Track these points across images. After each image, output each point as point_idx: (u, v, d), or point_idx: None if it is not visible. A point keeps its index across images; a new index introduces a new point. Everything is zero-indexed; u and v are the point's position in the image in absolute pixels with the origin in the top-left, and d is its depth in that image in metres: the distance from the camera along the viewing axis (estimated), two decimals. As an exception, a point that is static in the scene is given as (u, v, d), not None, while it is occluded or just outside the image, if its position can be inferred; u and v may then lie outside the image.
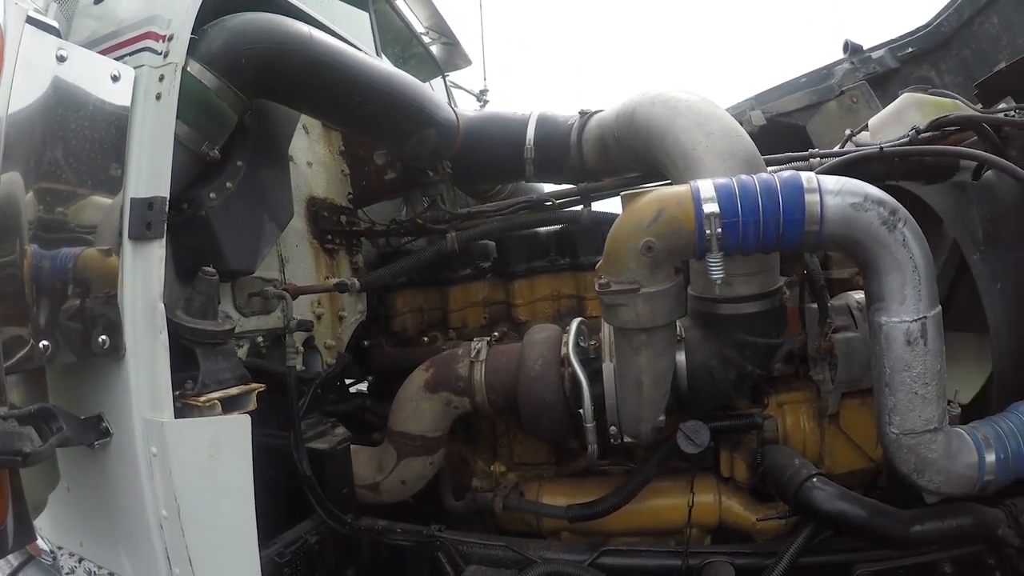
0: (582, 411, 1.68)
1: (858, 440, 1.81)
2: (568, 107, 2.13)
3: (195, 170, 1.52)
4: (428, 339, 2.43)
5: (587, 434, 1.69)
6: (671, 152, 1.60)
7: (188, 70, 1.41)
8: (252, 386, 1.43)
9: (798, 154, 1.87)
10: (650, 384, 1.55)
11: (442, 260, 2.29)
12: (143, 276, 1.29)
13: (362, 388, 2.74)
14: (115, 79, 1.30)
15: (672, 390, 1.64)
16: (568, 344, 1.75)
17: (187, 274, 1.52)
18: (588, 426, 1.68)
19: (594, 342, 1.79)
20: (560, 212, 2.09)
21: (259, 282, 1.78)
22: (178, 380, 1.33)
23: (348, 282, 1.95)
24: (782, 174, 1.33)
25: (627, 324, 1.44)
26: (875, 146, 1.78)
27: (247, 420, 1.37)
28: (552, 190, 2.19)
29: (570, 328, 1.80)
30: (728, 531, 1.91)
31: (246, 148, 1.66)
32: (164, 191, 1.31)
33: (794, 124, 3.04)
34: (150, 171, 1.31)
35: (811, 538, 1.59)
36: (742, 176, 1.33)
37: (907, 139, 1.78)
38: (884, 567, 1.59)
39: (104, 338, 1.25)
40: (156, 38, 1.39)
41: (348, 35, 2.10)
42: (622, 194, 1.44)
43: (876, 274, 1.34)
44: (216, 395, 1.35)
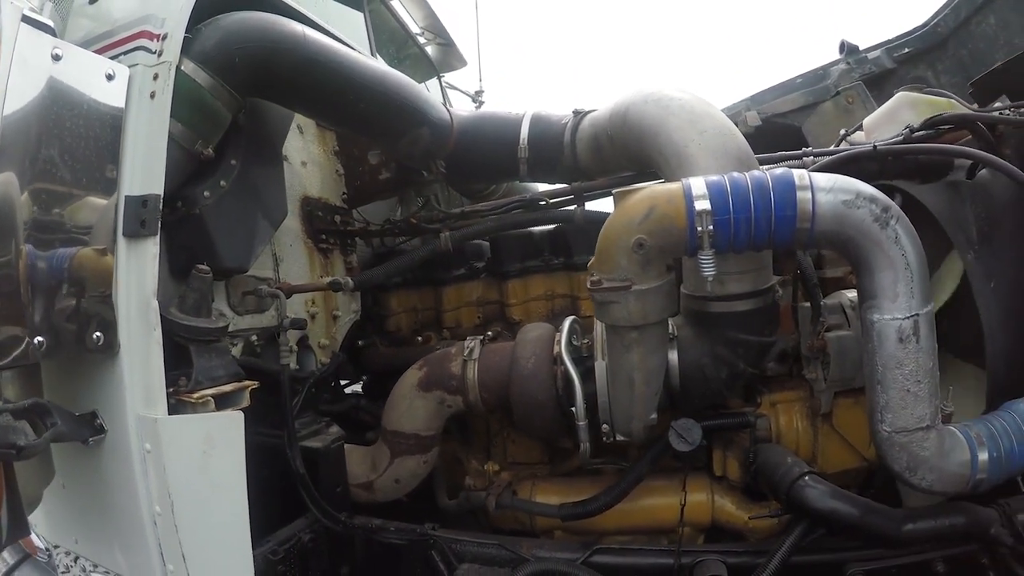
0: (574, 409, 1.69)
1: (851, 439, 1.82)
2: (564, 108, 2.14)
3: (189, 168, 1.55)
4: (422, 339, 2.45)
5: (579, 432, 1.70)
6: (664, 150, 1.62)
7: (182, 69, 1.43)
8: (245, 383, 1.46)
9: (791, 153, 1.88)
10: (642, 382, 1.56)
11: (436, 260, 2.30)
12: (137, 273, 1.31)
13: (357, 389, 2.77)
14: (110, 78, 1.33)
15: (664, 388, 1.65)
16: (561, 342, 1.77)
17: (181, 272, 1.54)
18: (580, 424, 1.69)
19: (587, 341, 1.80)
20: (554, 211, 2.11)
21: (253, 281, 1.81)
22: (172, 377, 1.35)
23: (342, 281, 1.97)
24: (774, 171, 1.33)
25: (618, 321, 1.45)
26: (868, 145, 1.80)
27: (240, 417, 1.39)
28: (546, 189, 2.21)
29: (563, 327, 1.81)
30: (721, 530, 1.92)
31: (240, 147, 1.69)
32: (158, 189, 1.33)
33: (790, 125, 3.05)
34: (144, 169, 1.34)
35: (803, 537, 1.59)
36: (734, 174, 1.34)
37: (901, 138, 1.79)
38: (877, 566, 1.59)
39: (98, 335, 1.27)
40: (150, 37, 1.42)
41: (342, 35, 2.13)
42: (614, 192, 1.44)
43: (868, 271, 1.34)
44: (209, 392, 1.38)
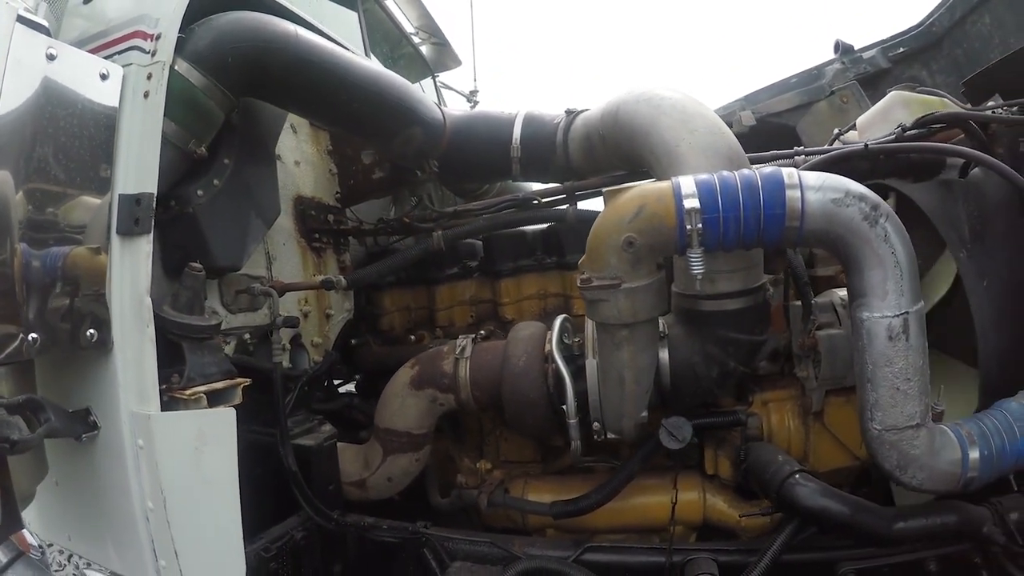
0: (565, 407, 1.71)
1: (843, 438, 1.84)
2: (559, 107, 2.17)
3: (183, 167, 1.57)
4: (415, 338, 2.47)
5: (570, 430, 1.72)
6: (655, 149, 1.64)
7: (176, 69, 1.46)
8: (238, 380, 1.48)
9: (783, 152, 1.91)
10: (632, 380, 1.59)
11: (429, 259, 2.33)
12: (131, 271, 1.34)
13: (351, 389, 2.79)
14: (104, 78, 1.35)
15: (655, 386, 1.67)
16: (552, 341, 1.79)
17: (175, 270, 1.56)
18: (571, 422, 1.71)
19: (578, 339, 1.83)
20: (546, 211, 2.13)
21: (246, 279, 1.83)
22: (165, 374, 1.38)
23: (334, 280, 2.00)
24: (763, 170, 1.35)
25: (608, 319, 1.48)
26: (860, 144, 1.82)
27: (232, 413, 1.42)
28: (538, 189, 2.23)
29: (554, 325, 1.83)
30: (713, 528, 1.94)
31: (233, 146, 1.72)
32: (152, 188, 1.36)
33: (784, 124, 3.07)
34: (138, 168, 1.36)
35: (794, 535, 1.61)
36: (724, 172, 1.35)
37: (893, 137, 1.81)
38: (869, 565, 1.61)
39: (92, 332, 1.29)
40: (144, 37, 1.45)
41: (336, 35, 2.15)
42: (604, 191, 1.47)
43: (858, 270, 1.36)
44: (202, 389, 1.40)
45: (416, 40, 3.83)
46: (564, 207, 2.11)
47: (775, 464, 1.68)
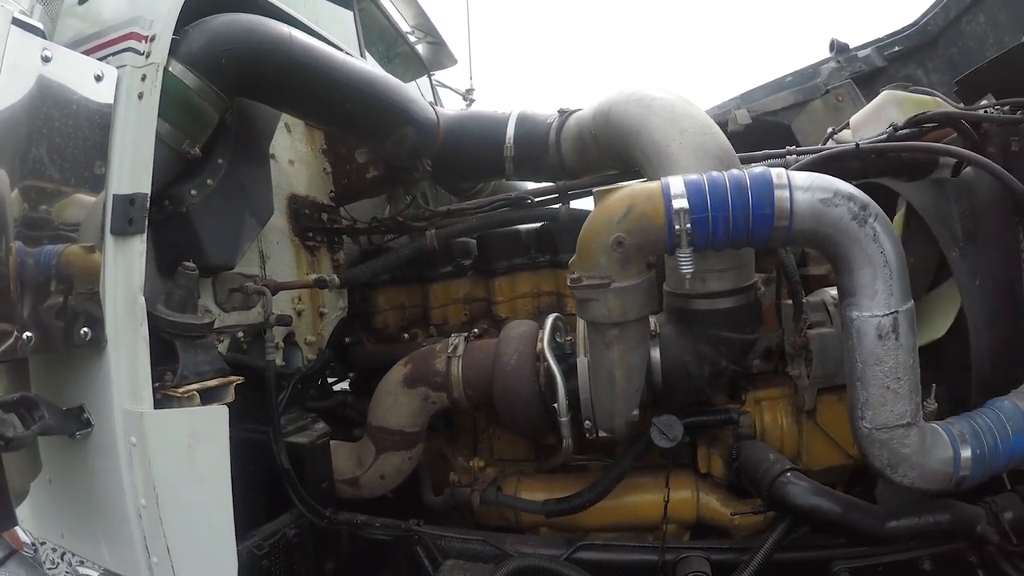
0: (556, 405, 1.73)
1: (835, 436, 1.85)
2: (554, 108, 2.17)
3: (177, 168, 1.60)
4: (409, 336, 2.50)
5: (562, 428, 1.74)
6: (645, 149, 1.66)
7: (170, 70, 1.48)
8: (230, 378, 1.51)
9: (774, 151, 1.93)
10: (623, 378, 1.61)
11: (423, 258, 2.36)
12: (124, 270, 1.36)
13: (345, 387, 2.81)
14: (98, 79, 1.38)
15: (647, 385, 1.70)
16: (544, 339, 1.81)
17: (169, 269, 1.59)
18: (562, 420, 1.73)
19: (570, 338, 1.85)
20: (538, 210, 2.16)
21: (240, 278, 1.86)
22: (158, 372, 1.40)
23: (327, 278, 2.03)
24: (753, 170, 1.36)
25: (598, 318, 1.50)
26: (851, 143, 1.83)
27: (224, 411, 1.44)
28: (531, 188, 2.26)
29: (546, 324, 1.86)
30: (707, 527, 1.95)
31: (227, 146, 1.74)
32: (145, 188, 1.38)
33: (780, 123, 3.09)
34: (132, 168, 1.39)
35: (787, 533, 1.62)
36: (713, 172, 1.37)
37: (884, 136, 1.82)
38: (863, 564, 1.62)
39: (86, 330, 1.32)
40: (139, 38, 1.47)
41: (332, 34, 2.18)
42: (595, 191, 1.49)
43: (847, 269, 1.37)
44: (195, 386, 1.43)
45: (412, 39, 3.86)
46: (557, 206, 2.13)
47: (766, 462, 1.70)
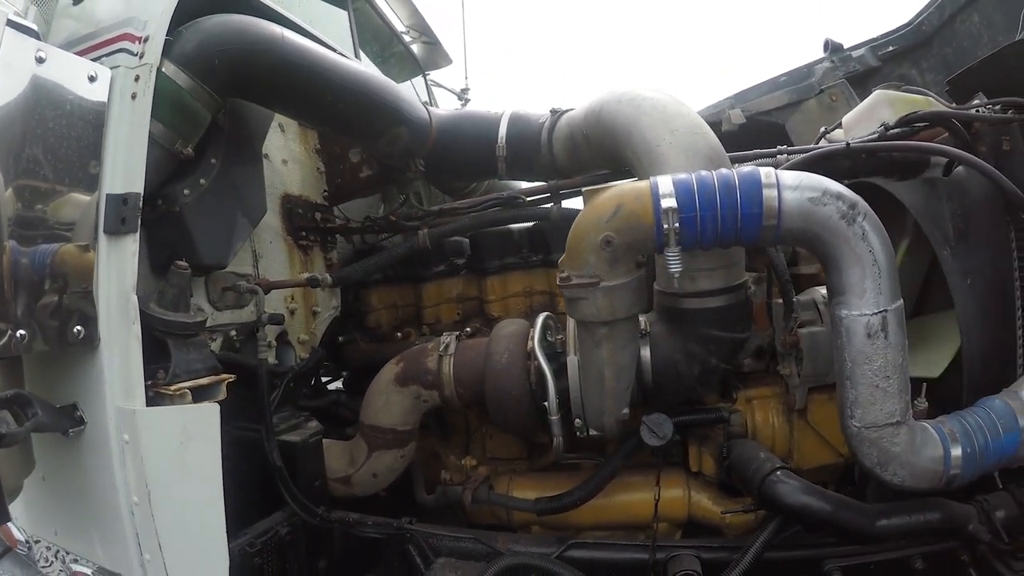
0: (547, 404, 1.75)
1: (827, 435, 1.87)
2: (550, 107, 2.19)
3: (169, 167, 1.62)
4: (402, 335, 2.53)
5: (552, 427, 1.76)
6: (636, 149, 1.69)
7: (163, 71, 1.51)
8: (222, 376, 1.53)
9: (765, 151, 1.96)
10: (612, 377, 1.63)
11: (416, 257, 2.39)
12: (117, 269, 1.39)
13: (340, 386, 2.84)
14: (92, 79, 1.40)
15: (637, 384, 1.72)
16: (534, 338, 1.83)
17: (162, 269, 1.61)
18: (553, 419, 1.75)
19: (561, 337, 1.87)
20: (530, 209, 2.19)
21: (232, 277, 1.89)
22: (150, 370, 1.43)
23: (320, 277, 2.05)
24: (741, 169, 1.38)
25: (587, 317, 1.52)
26: (842, 143, 1.85)
27: (216, 409, 1.47)
28: (523, 187, 2.28)
29: (536, 322, 1.88)
30: (699, 526, 1.98)
31: (220, 146, 1.77)
32: (138, 187, 1.41)
33: (774, 123, 3.12)
34: (125, 168, 1.41)
35: (777, 532, 1.64)
36: (702, 172, 1.39)
37: (876, 135, 1.84)
38: (854, 563, 1.64)
39: (79, 328, 1.34)
40: (132, 39, 1.50)
41: (326, 34, 2.21)
42: (584, 190, 1.51)
43: (836, 268, 1.39)
44: (187, 384, 1.45)
45: (407, 39, 3.89)
46: (548, 206, 2.16)
47: (757, 461, 1.71)
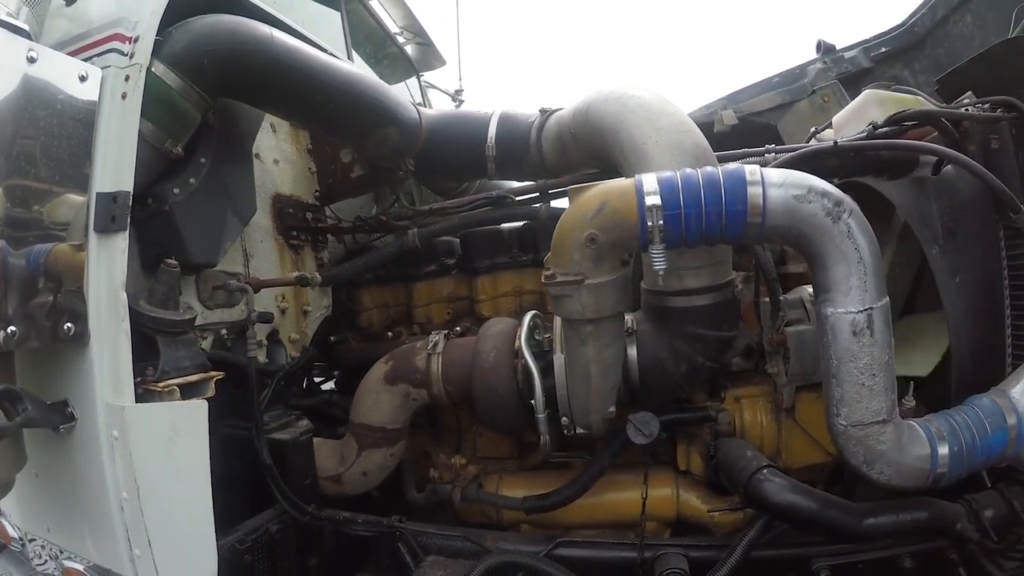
0: (534, 402, 1.77)
1: (815, 434, 1.88)
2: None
3: (159, 166, 1.65)
4: (393, 334, 2.55)
5: (539, 425, 1.79)
6: (623, 148, 1.71)
7: (153, 71, 1.54)
8: (210, 374, 1.57)
9: (753, 150, 1.99)
10: (598, 375, 1.65)
11: (408, 257, 2.42)
12: (107, 266, 1.42)
13: (333, 386, 2.87)
14: (83, 79, 1.44)
15: (624, 382, 1.74)
16: (521, 336, 1.86)
17: (152, 267, 1.64)
18: (540, 417, 1.77)
19: (548, 335, 1.88)
20: (519, 209, 2.22)
21: (223, 276, 1.91)
22: (139, 367, 1.46)
23: (309, 276, 2.09)
24: (727, 167, 1.39)
25: (573, 315, 1.54)
26: (830, 142, 1.87)
27: (204, 405, 1.50)
28: (513, 187, 2.31)
29: (524, 321, 1.90)
30: (688, 524, 2.00)
31: (210, 145, 1.80)
32: (128, 186, 1.45)
33: (766, 124, 3.15)
34: (115, 167, 1.45)
35: (764, 531, 1.65)
36: (687, 170, 1.40)
37: (864, 134, 1.86)
38: (842, 561, 1.65)
39: (69, 326, 1.37)
40: (123, 40, 1.53)
41: (319, 35, 2.24)
42: (569, 188, 1.54)
43: (822, 265, 1.40)
44: (175, 381, 1.48)
45: (401, 40, 3.93)
46: (537, 205, 2.19)
47: (743, 460, 1.73)
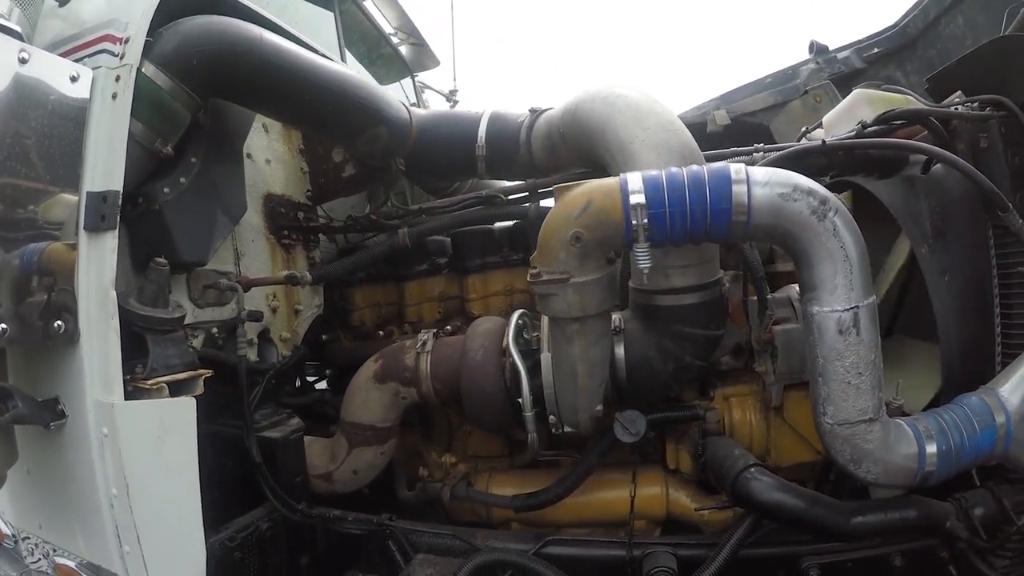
0: (521, 400, 1.79)
1: (804, 432, 1.89)
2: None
3: (150, 166, 1.68)
4: (384, 333, 2.58)
5: (527, 423, 1.81)
6: (610, 147, 1.73)
7: (143, 71, 1.57)
8: (199, 371, 1.59)
9: (741, 149, 2.01)
10: (585, 373, 1.67)
11: (399, 256, 2.44)
12: (97, 265, 1.45)
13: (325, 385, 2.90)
14: (74, 80, 1.46)
15: (612, 381, 1.76)
16: (509, 335, 1.88)
17: (143, 266, 1.67)
18: (527, 415, 1.79)
19: (536, 334, 1.90)
20: (508, 208, 2.24)
21: (213, 274, 1.94)
22: (129, 365, 1.48)
23: (299, 275, 2.11)
24: (712, 166, 1.41)
25: (558, 313, 1.56)
26: (818, 141, 1.90)
27: (192, 403, 1.52)
28: (503, 186, 2.34)
29: (511, 319, 1.92)
30: (677, 523, 2.02)
31: (201, 145, 1.82)
32: (118, 185, 1.47)
33: (759, 124, 3.17)
34: (105, 166, 1.47)
35: (752, 529, 1.66)
36: (672, 168, 1.42)
37: (853, 133, 1.87)
38: (832, 560, 1.67)
39: (60, 324, 1.40)
40: (113, 40, 1.56)
41: (312, 36, 2.27)
42: (555, 187, 1.56)
43: (807, 264, 1.41)
44: (164, 379, 1.51)
45: (395, 41, 3.95)
46: (527, 205, 2.21)
47: (731, 458, 1.74)
